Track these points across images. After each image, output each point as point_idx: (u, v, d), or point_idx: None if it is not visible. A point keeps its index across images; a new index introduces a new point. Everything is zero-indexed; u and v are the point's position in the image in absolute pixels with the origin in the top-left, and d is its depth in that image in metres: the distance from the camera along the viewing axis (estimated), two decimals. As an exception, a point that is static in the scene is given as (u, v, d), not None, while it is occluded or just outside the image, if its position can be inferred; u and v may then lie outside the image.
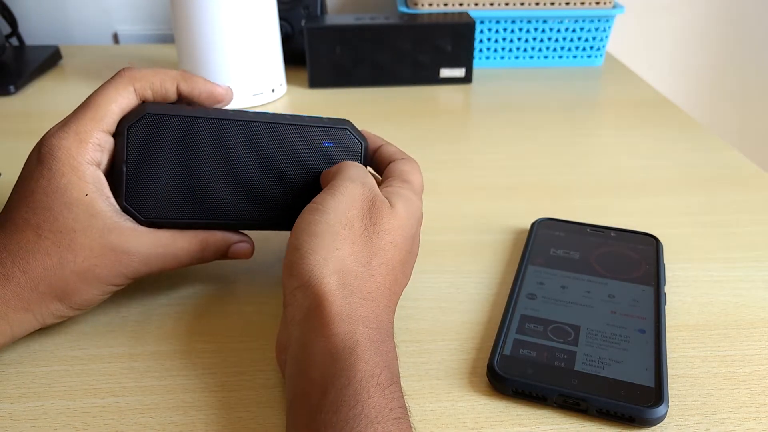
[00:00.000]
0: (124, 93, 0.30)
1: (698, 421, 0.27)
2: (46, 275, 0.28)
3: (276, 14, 0.61)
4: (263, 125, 0.31)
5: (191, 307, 0.34)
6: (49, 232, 0.28)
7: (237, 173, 0.31)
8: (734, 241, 0.39)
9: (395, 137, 0.56)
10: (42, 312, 0.28)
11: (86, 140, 0.29)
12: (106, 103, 0.29)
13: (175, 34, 0.59)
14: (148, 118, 0.30)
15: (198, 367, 0.30)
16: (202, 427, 0.26)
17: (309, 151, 0.32)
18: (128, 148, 0.30)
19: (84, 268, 0.28)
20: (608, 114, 0.61)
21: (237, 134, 0.31)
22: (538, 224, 0.39)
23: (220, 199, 0.31)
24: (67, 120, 0.29)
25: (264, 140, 0.31)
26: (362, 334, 0.24)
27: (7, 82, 0.63)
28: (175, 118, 0.30)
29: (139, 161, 0.30)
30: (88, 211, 0.28)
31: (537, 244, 0.37)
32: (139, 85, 0.30)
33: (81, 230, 0.28)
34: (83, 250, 0.28)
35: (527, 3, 0.69)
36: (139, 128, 0.30)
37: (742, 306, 0.34)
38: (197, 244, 0.31)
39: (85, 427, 0.26)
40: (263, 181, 0.32)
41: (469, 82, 0.67)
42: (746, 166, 0.49)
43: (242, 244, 0.33)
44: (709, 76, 0.98)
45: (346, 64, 0.65)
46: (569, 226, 0.38)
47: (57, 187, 0.28)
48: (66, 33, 0.83)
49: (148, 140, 0.30)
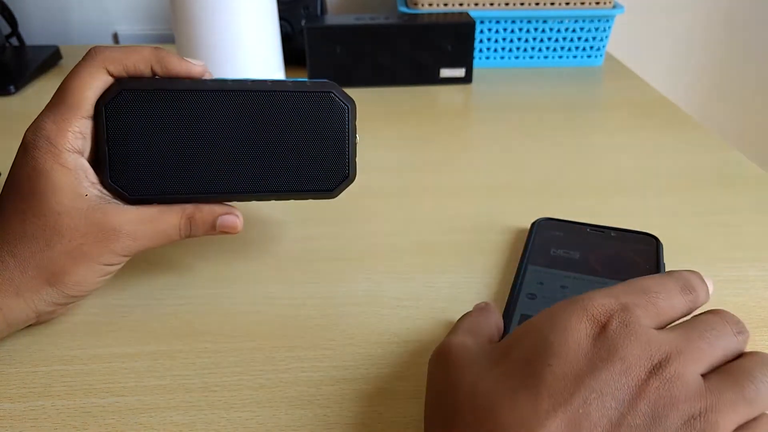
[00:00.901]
0: (98, 76, 0.29)
1: (699, 421, 0.27)
2: (33, 257, 0.28)
3: (276, 14, 0.61)
4: (245, 94, 0.31)
5: (191, 307, 0.34)
6: (33, 216, 0.28)
7: (220, 144, 0.31)
8: (734, 241, 0.39)
9: (395, 137, 0.56)
10: (34, 298, 0.29)
11: (65, 128, 0.29)
12: (81, 89, 0.29)
13: (175, 33, 0.59)
14: (124, 95, 0.29)
15: (198, 366, 0.30)
16: (203, 426, 0.26)
17: (293, 118, 0.31)
18: (108, 127, 0.29)
19: (71, 248, 0.29)
20: (608, 114, 0.61)
21: (218, 105, 0.30)
22: (538, 224, 0.39)
23: (205, 171, 0.31)
24: (46, 109, 0.29)
25: (246, 109, 0.31)
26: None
27: (7, 82, 0.63)
28: (152, 92, 0.30)
29: (120, 138, 0.30)
30: (71, 194, 0.29)
31: (537, 244, 0.37)
32: (113, 67, 0.30)
33: (65, 212, 0.29)
34: (69, 230, 0.29)
35: (527, 3, 0.69)
36: (117, 106, 0.29)
37: (742, 306, 0.34)
38: (185, 218, 0.31)
39: (86, 426, 0.26)
40: (247, 150, 0.31)
41: (470, 82, 0.67)
42: (746, 165, 0.49)
43: (229, 216, 0.32)
44: (709, 76, 0.98)
45: (347, 64, 0.65)
46: (569, 226, 0.38)
47: (40, 173, 0.28)
48: (66, 33, 0.84)
49: (127, 117, 0.30)
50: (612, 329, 0.21)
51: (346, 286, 0.35)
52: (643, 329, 0.21)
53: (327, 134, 0.32)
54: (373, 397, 0.28)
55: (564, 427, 0.19)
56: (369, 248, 0.39)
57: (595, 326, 0.22)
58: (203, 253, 0.38)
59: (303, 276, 0.36)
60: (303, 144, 0.32)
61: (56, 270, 0.28)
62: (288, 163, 0.32)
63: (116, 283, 0.35)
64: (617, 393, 0.20)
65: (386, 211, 0.43)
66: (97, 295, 0.34)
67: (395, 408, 0.27)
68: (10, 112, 0.59)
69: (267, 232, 0.40)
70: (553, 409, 0.20)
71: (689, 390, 0.20)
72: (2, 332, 0.29)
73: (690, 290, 0.24)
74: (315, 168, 0.32)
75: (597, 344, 0.21)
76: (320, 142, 0.32)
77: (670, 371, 0.20)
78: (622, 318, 0.22)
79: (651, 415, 0.19)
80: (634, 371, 0.20)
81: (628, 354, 0.20)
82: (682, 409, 0.20)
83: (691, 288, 0.24)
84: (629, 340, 0.21)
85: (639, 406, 0.20)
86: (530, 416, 0.20)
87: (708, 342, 0.22)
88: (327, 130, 0.32)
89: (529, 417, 0.20)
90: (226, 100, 0.30)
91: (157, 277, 0.36)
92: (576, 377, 0.20)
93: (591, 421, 0.19)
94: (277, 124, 0.31)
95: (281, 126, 0.31)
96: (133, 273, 0.36)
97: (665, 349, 0.21)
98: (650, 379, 0.20)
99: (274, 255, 0.38)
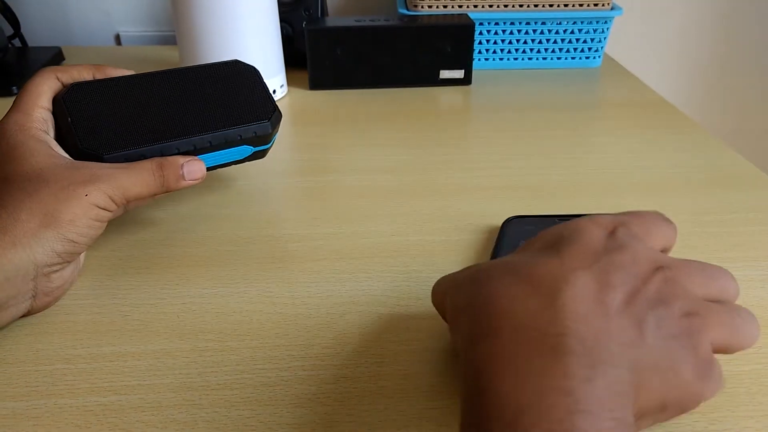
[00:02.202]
0: (49, 80, 0.36)
1: (696, 420, 0.27)
2: (23, 203, 0.29)
3: (277, 16, 0.61)
4: (169, 72, 0.39)
5: (193, 306, 0.34)
6: (16, 175, 0.31)
7: (160, 107, 0.37)
8: (732, 241, 0.40)
9: (395, 138, 0.56)
10: (31, 244, 0.29)
11: (31, 113, 0.34)
12: (38, 88, 0.35)
13: (177, 35, 0.60)
14: (76, 86, 0.36)
15: (200, 365, 0.30)
16: (204, 425, 0.27)
17: (218, 81, 0.40)
18: (67, 107, 0.35)
19: (58, 189, 0.30)
20: (606, 115, 0.61)
21: (150, 81, 0.38)
22: (508, 223, 0.39)
23: (156, 127, 0.37)
24: (10, 109, 0.34)
25: (173, 81, 0.39)
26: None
27: (10, 83, 0.64)
28: (99, 81, 0.37)
29: (79, 112, 0.35)
30: (48, 156, 0.32)
31: (507, 241, 0.36)
32: (61, 74, 0.36)
33: (46, 168, 0.31)
34: (53, 177, 0.31)
35: (526, 5, 0.69)
36: (72, 93, 0.36)
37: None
38: (155, 164, 0.35)
39: (88, 425, 0.26)
40: (185, 107, 0.38)
41: (469, 84, 0.67)
42: (744, 166, 0.50)
43: (192, 162, 0.36)
44: (707, 77, 0.98)
45: (347, 66, 0.65)
46: (538, 219, 0.38)
47: (15, 144, 0.32)
48: (68, 34, 0.84)
49: (82, 99, 0.36)
50: (619, 234, 0.24)
51: (346, 286, 0.36)
52: (642, 241, 0.25)
53: (247, 87, 0.40)
54: (373, 396, 0.28)
55: (589, 281, 0.22)
56: (369, 248, 0.39)
57: (604, 230, 0.25)
58: (204, 253, 0.38)
59: (303, 276, 0.36)
60: (230, 97, 0.39)
61: (48, 210, 0.30)
62: (224, 110, 0.38)
63: (117, 283, 0.36)
64: (631, 270, 0.23)
65: (386, 211, 0.43)
66: (98, 295, 0.34)
67: (396, 407, 0.28)
68: (12, 114, 0.59)
69: (267, 231, 0.41)
70: (580, 267, 0.22)
71: (687, 293, 0.23)
72: (1, 288, 0.28)
73: (670, 221, 0.27)
74: (248, 112, 0.39)
75: (608, 242, 0.24)
76: (245, 93, 0.40)
77: (671, 274, 0.23)
78: (625, 230, 0.25)
79: (657, 297, 0.22)
80: (643, 264, 0.23)
81: (636, 252, 0.23)
82: (682, 303, 0.22)
83: (669, 220, 0.27)
84: (635, 243, 0.24)
85: (649, 285, 0.22)
86: (557, 269, 0.23)
87: (709, 275, 0.25)
88: (246, 85, 0.40)
89: (556, 270, 0.23)
90: (156, 78, 0.38)
91: (158, 277, 0.36)
92: (595, 254, 0.23)
93: (611, 284, 0.22)
94: (202, 87, 0.39)
95: (207, 87, 0.39)
96: (134, 273, 0.36)
97: (667, 261, 0.24)
98: (656, 273, 0.23)
99: (274, 255, 0.38)
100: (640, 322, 0.21)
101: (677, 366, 0.22)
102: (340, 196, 0.45)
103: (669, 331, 0.22)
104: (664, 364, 0.21)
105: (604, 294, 0.22)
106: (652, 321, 0.22)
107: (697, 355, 0.22)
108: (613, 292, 0.22)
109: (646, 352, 0.21)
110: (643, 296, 0.22)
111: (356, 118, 0.59)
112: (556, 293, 0.22)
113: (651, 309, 0.22)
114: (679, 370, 0.22)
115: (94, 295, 0.35)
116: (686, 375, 0.22)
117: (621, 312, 0.22)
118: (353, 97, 0.64)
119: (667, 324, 0.22)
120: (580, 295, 0.22)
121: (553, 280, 0.22)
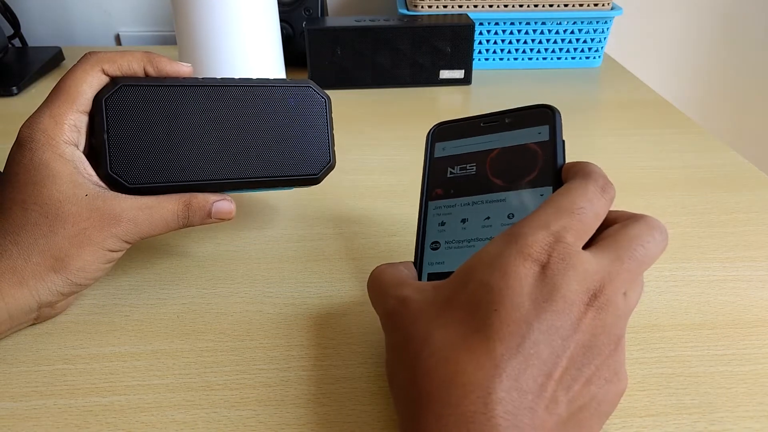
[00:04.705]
0: (93, 73, 0.31)
1: (696, 420, 0.27)
2: (37, 244, 0.28)
3: (277, 16, 0.61)
4: (232, 88, 0.33)
5: (192, 306, 0.34)
6: (34, 204, 0.29)
7: (211, 135, 0.33)
8: (732, 241, 0.40)
9: (395, 138, 0.56)
10: (38, 286, 0.29)
11: (61, 122, 0.30)
12: (77, 84, 0.30)
13: (177, 35, 0.60)
14: (123, 89, 0.31)
15: (199, 365, 0.30)
16: (204, 425, 0.27)
17: (277, 109, 0.34)
18: (107, 119, 0.30)
19: (74, 233, 0.29)
20: (606, 115, 0.61)
21: (208, 98, 0.33)
22: (433, 133, 0.34)
23: (198, 160, 0.32)
24: (42, 106, 0.30)
25: (233, 101, 0.33)
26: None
27: (10, 83, 0.63)
28: (149, 88, 0.31)
29: (119, 130, 0.31)
30: (71, 183, 0.29)
31: (435, 168, 0.32)
32: (108, 66, 0.31)
33: (66, 200, 0.29)
34: (71, 216, 0.29)
35: (526, 5, 0.69)
36: (116, 99, 0.31)
37: (739, 305, 0.34)
38: (182, 205, 0.32)
39: (88, 425, 0.27)
40: (237, 139, 0.33)
41: (469, 84, 0.67)
42: (744, 166, 0.50)
43: (223, 202, 0.33)
44: (707, 77, 0.98)
45: (347, 66, 0.65)
46: (464, 127, 0.33)
47: (38, 163, 0.29)
48: (68, 34, 0.84)
49: (125, 110, 0.31)
50: (552, 267, 0.22)
51: (346, 286, 0.36)
52: (578, 259, 0.23)
53: (309, 124, 0.35)
54: (373, 396, 0.28)
55: (519, 368, 0.21)
56: (369, 248, 0.39)
57: (535, 265, 0.23)
58: (204, 253, 0.38)
59: (303, 276, 0.36)
60: (288, 134, 0.35)
61: (60, 255, 0.29)
62: (275, 151, 0.34)
63: (118, 283, 0.36)
64: (562, 331, 0.22)
65: (386, 210, 0.43)
66: (98, 295, 0.34)
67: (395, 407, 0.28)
68: (13, 113, 0.59)
69: (267, 232, 0.41)
70: (507, 353, 0.21)
71: (619, 313, 0.23)
72: (4, 323, 0.29)
73: (607, 188, 0.26)
74: (300, 155, 0.35)
75: (539, 285, 0.22)
76: (304, 132, 0.35)
77: (603, 300, 0.22)
78: (558, 252, 0.23)
79: (588, 345, 0.22)
80: (575, 308, 0.22)
81: (567, 291, 0.22)
82: (611, 332, 0.22)
83: (606, 185, 0.26)
84: (568, 276, 0.22)
85: (578, 337, 0.22)
86: (486, 360, 0.21)
87: (637, 261, 0.23)
88: (309, 120, 0.35)
89: (485, 361, 0.21)
90: (216, 94, 0.33)
91: (158, 277, 0.36)
92: (524, 321, 0.21)
93: (542, 360, 0.21)
94: (263, 115, 0.34)
95: (267, 117, 0.34)
96: (135, 273, 0.36)
97: (599, 278, 0.23)
98: (588, 311, 0.22)
99: (274, 255, 0.38)
100: (557, 409, 0.21)
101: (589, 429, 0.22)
102: (340, 196, 0.45)
103: (577, 404, 0.22)
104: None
105: (532, 391, 0.21)
106: (565, 403, 0.21)
107: (606, 413, 0.23)
108: (538, 388, 0.21)
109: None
110: (573, 355, 0.22)
111: (356, 118, 0.59)
112: (488, 396, 0.20)
113: (565, 391, 0.21)
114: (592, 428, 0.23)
115: (94, 295, 0.35)
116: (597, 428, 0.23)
117: (545, 406, 0.21)
118: (353, 97, 0.64)
119: (576, 398, 0.22)
120: (509, 398, 0.21)
121: (484, 378, 0.21)
